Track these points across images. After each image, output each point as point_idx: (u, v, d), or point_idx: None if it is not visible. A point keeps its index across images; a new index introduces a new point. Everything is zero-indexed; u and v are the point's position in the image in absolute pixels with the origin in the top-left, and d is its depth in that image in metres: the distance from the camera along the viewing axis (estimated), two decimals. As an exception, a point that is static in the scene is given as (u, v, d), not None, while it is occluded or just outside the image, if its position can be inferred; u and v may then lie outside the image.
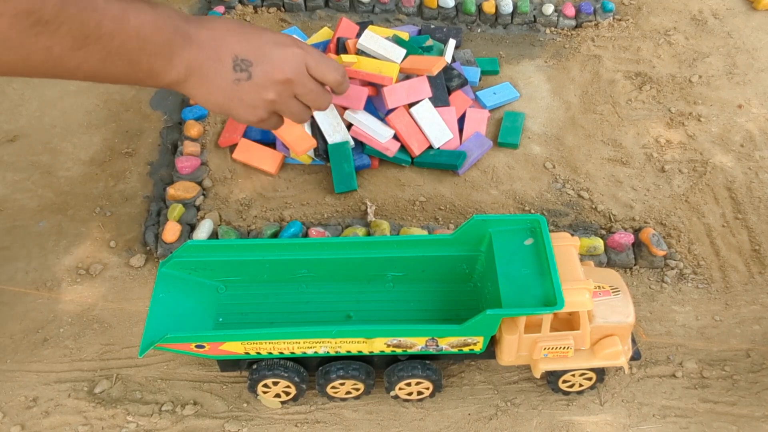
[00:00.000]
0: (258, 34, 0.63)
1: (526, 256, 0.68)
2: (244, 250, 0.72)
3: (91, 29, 0.52)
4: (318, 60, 0.66)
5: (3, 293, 0.83)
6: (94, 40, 0.52)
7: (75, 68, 0.53)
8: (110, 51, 0.54)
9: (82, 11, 0.51)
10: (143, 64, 0.56)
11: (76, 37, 0.51)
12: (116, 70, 0.55)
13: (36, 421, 0.72)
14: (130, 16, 0.54)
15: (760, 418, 0.75)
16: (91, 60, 0.53)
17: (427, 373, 0.70)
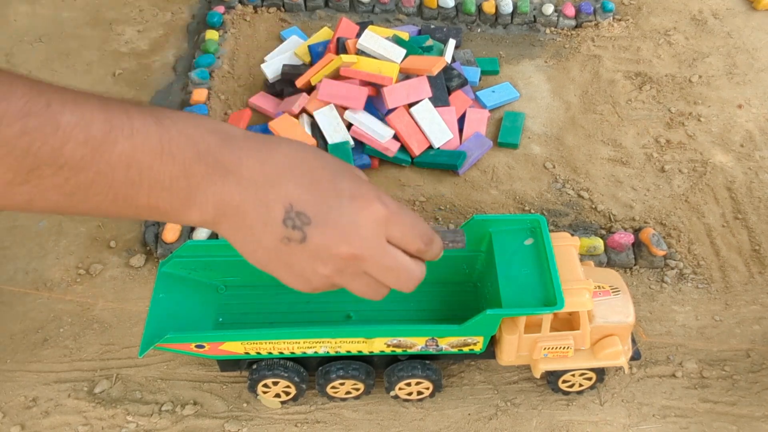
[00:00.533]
0: (328, 179, 0.45)
1: (526, 256, 0.68)
2: (244, 250, 0.72)
3: (44, 158, 0.36)
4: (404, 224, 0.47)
5: (3, 293, 0.83)
6: (49, 172, 0.36)
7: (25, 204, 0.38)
8: (79, 186, 0.38)
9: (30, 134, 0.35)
10: (139, 201, 0.40)
11: (17, 171, 0.35)
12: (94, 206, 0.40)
13: (36, 421, 0.72)
14: (117, 138, 0.38)
15: (760, 418, 0.75)
16: (50, 196, 0.37)
17: (427, 373, 0.70)
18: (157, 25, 1.22)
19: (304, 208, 0.43)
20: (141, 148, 0.39)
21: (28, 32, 1.19)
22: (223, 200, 0.42)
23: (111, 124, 0.38)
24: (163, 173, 0.40)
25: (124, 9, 1.25)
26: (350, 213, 0.44)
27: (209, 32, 1.17)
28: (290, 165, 0.44)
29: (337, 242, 0.44)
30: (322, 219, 0.44)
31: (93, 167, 0.37)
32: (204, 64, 1.11)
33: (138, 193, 0.40)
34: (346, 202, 0.45)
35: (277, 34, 1.20)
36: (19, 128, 0.35)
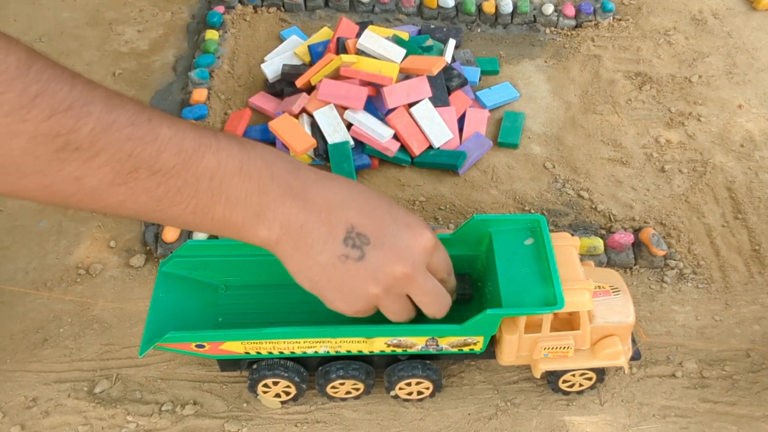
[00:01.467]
0: (384, 209, 0.51)
1: (526, 255, 0.68)
2: (244, 250, 0.72)
3: (143, 162, 0.41)
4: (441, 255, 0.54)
5: (3, 293, 0.83)
6: (145, 175, 0.41)
7: (117, 205, 0.42)
8: (168, 191, 0.43)
9: (134, 140, 0.40)
10: (216, 212, 0.45)
11: (118, 171, 0.40)
12: (177, 214, 0.44)
13: (36, 421, 0.72)
14: (204, 153, 0.43)
15: (760, 418, 0.75)
16: (140, 199, 0.42)
17: (427, 373, 0.70)
18: (157, 25, 1.22)
19: (364, 230, 0.49)
20: (224, 164, 0.44)
21: (28, 32, 1.19)
22: (289, 219, 0.47)
23: (200, 141, 0.43)
24: (240, 189, 0.45)
25: (124, 9, 1.25)
26: (406, 238, 0.50)
27: (209, 32, 1.17)
28: (350, 195, 0.50)
29: (393, 262, 0.49)
30: (380, 241, 0.49)
31: (182, 175, 0.42)
32: (204, 64, 1.11)
33: (216, 204, 0.45)
34: (402, 229, 0.51)
35: (277, 34, 1.20)
36: (126, 134, 0.40)
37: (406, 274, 0.50)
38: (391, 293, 0.52)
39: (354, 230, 0.49)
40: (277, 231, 0.47)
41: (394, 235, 0.50)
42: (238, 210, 0.46)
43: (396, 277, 0.50)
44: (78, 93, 0.39)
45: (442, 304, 0.56)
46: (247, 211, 0.46)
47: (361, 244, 0.49)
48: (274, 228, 0.47)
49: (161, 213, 0.44)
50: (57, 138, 0.38)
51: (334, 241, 0.48)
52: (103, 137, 0.39)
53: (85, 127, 0.38)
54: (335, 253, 0.49)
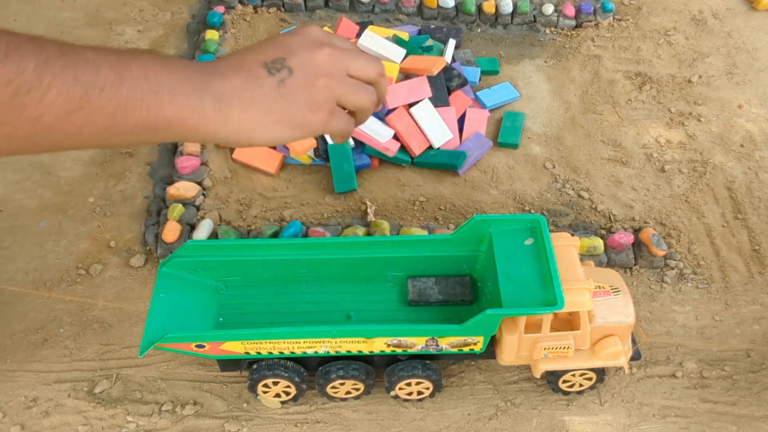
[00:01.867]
0: (272, 38, 0.56)
1: (526, 256, 0.68)
2: (244, 250, 0.72)
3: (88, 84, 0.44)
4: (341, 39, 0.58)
5: (3, 293, 0.83)
6: (95, 95, 0.44)
7: (77, 132, 0.45)
8: (119, 104, 0.45)
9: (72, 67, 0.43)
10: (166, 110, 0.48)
11: (70, 99, 0.43)
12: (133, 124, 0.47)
13: (36, 421, 0.72)
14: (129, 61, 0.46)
15: (760, 418, 0.75)
16: (97, 118, 0.45)
17: (427, 373, 0.70)
18: (157, 25, 1.22)
19: (273, 56, 0.53)
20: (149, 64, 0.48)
21: (28, 32, 1.18)
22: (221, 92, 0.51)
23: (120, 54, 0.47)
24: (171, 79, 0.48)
25: (124, 9, 1.25)
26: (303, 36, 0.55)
27: (209, 32, 1.17)
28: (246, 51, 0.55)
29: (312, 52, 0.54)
30: (291, 50, 0.54)
31: (124, 84, 0.45)
32: (204, 64, 1.11)
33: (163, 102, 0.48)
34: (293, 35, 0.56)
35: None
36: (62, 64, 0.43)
37: (329, 52, 0.54)
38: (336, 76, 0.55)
39: (268, 62, 0.53)
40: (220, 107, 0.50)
41: (295, 42, 0.55)
42: (181, 100, 0.49)
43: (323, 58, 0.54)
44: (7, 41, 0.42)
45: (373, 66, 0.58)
46: (188, 98, 0.49)
47: (281, 64, 0.53)
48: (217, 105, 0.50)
49: (119, 128, 0.46)
50: (8, 85, 0.41)
51: (264, 79, 0.52)
52: (47, 72, 0.42)
53: (28, 69, 0.41)
54: (272, 85, 0.52)
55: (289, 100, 0.53)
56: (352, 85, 0.56)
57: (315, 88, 0.54)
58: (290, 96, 0.53)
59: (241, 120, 0.52)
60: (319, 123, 0.55)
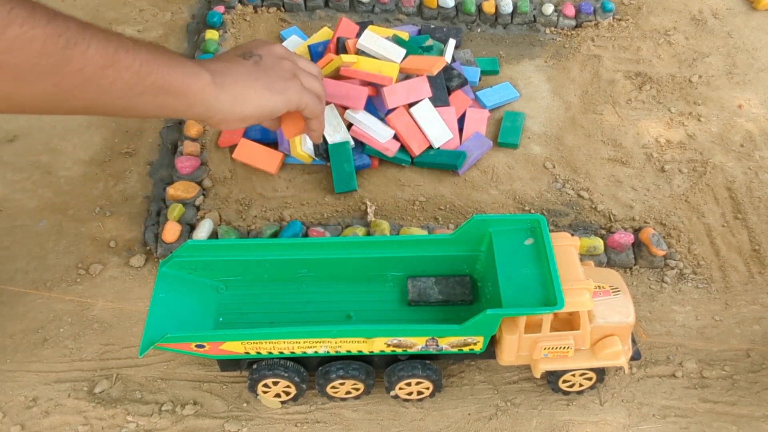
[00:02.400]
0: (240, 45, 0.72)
1: (526, 256, 0.68)
2: (244, 250, 0.72)
3: (118, 43, 0.52)
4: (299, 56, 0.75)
5: (3, 293, 0.83)
6: (123, 53, 0.53)
7: (108, 87, 0.53)
8: (142, 63, 0.54)
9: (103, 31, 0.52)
10: (172, 75, 0.58)
11: (104, 54, 0.51)
12: (152, 82, 0.56)
13: (36, 421, 0.72)
14: (139, 40, 0.56)
15: (760, 418, 0.75)
16: (125, 75, 0.53)
17: (427, 373, 0.70)
18: (157, 25, 1.22)
19: (243, 50, 0.69)
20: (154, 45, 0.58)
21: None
22: (215, 69, 0.63)
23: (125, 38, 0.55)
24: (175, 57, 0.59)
25: (124, 9, 1.25)
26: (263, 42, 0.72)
27: (209, 32, 1.17)
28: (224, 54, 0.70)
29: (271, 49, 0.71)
30: (256, 46, 0.70)
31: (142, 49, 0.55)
32: (204, 64, 1.11)
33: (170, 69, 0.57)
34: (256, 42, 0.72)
35: (277, 34, 1.20)
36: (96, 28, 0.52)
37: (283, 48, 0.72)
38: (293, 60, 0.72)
39: (244, 54, 0.68)
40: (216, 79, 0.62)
41: (255, 43, 0.71)
42: (186, 68, 0.60)
43: (281, 49, 0.71)
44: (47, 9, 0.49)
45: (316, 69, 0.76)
46: (191, 68, 0.60)
47: (251, 53, 0.68)
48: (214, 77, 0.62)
49: (140, 86, 0.55)
50: (60, 37, 0.48)
51: (241, 63, 0.67)
52: (87, 30, 0.50)
53: (73, 26, 0.49)
54: (250, 65, 0.67)
55: (268, 73, 0.67)
56: (304, 69, 0.72)
57: (282, 66, 0.69)
58: (267, 71, 0.67)
59: (234, 88, 0.64)
60: (295, 89, 0.68)
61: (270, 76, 0.67)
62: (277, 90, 0.67)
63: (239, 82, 0.64)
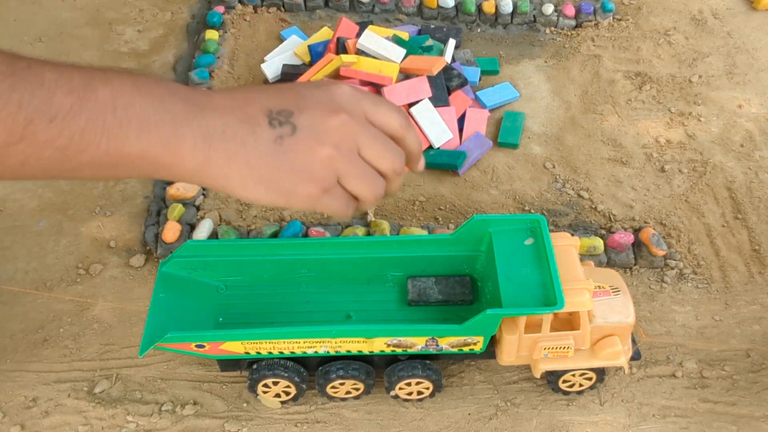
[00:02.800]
0: (290, 85, 0.49)
1: (526, 256, 0.68)
2: (244, 250, 0.72)
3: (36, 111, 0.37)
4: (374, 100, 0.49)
5: (3, 293, 0.83)
6: (42, 125, 0.38)
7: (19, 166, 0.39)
8: (72, 136, 0.39)
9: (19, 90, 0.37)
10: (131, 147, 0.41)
11: (11, 128, 0.37)
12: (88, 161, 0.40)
13: (36, 421, 0.72)
14: (96, 86, 0.40)
15: (760, 418, 0.75)
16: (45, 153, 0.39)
17: (427, 373, 0.70)
18: (157, 25, 1.22)
19: (282, 107, 0.46)
20: (119, 89, 0.41)
21: (28, 32, 1.19)
22: (207, 129, 0.43)
23: (89, 76, 0.40)
24: (145, 110, 0.41)
25: (124, 9, 1.25)
26: (324, 93, 0.47)
27: (209, 32, 1.17)
28: (254, 89, 0.48)
29: (324, 115, 0.46)
30: (303, 105, 0.46)
31: (82, 114, 0.39)
32: (204, 64, 1.11)
33: (128, 136, 0.41)
34: (317, 89, 0.48)
35: (277, 34, 1.20)
36: (8, 85, 0.37)
37: (345, 120, 0.46)
38: (344, 151, 0.47)
39: (273, 111, 0.46)
40: (201, 147, 0.43)
41: (313, 96, 0.47)
42: (152, 135, 0.42)
43: (336, 127, 0.46)
44: None
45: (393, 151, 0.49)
46: (161, 133, 0.42)
47: (286, 118, 0.46)
48: (198, 144, 0.43)
49: (70, 163, 0.40)
50: None
51: (261, 129, 0.45)
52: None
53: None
54: (269, 139, 0.45)
55: (282, 161, 0.45)
56: (359, 167, 0.48)
57: (315, 157, 0.46)
58: (284, 157, 0.45)
59: (221, 167, 0.45)
60: (307, 197, 0.47)
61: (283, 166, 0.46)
62: (282, 190, 0.47)
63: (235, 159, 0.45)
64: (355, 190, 0.49)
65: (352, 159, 0.47)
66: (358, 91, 0.49)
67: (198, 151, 0.43)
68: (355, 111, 0.47)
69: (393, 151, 0.49)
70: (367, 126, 0.48)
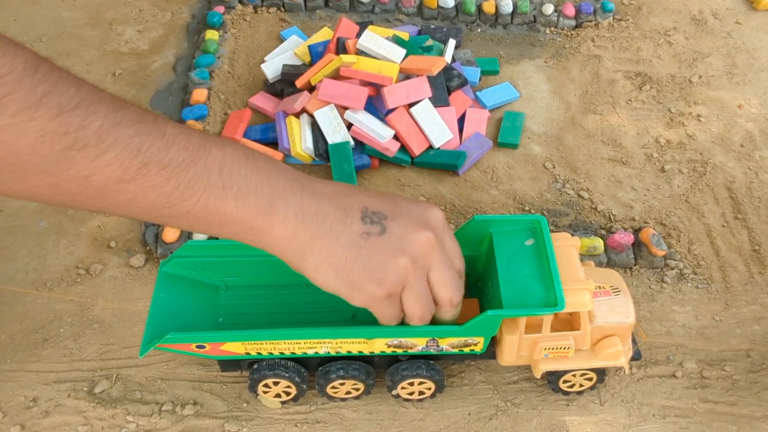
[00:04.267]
0: (390, 194, 0.53)
1: (526, 256, 0.68)
2: (244, 250, 0.72)
3: (152, 157, 0.41)
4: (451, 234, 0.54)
5: (3, 293, 0.83)
6: (155, 171, 0.41)
7: (126, 203, 0.42)
8: (178, 186, 0.42)
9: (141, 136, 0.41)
10: (227, 207, 0.44)
11: (127, 167, 0.41)
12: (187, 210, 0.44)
13: (36, 421, 0.72)
14: (211, 147, 0.44)
15: (760, 418, 0.75)
16: (150, 196, 0.42)
17: (430, 374, 0.70)
18: (157, 25, 1.22)
19: (378, 209, 0.50)
20: (231, 156, 0.45)
21: (28, 32, 1.19)
22: (302, 208, 0.47)
23: (206, 138, 0.45)
24: (249, 179, 0.45)
25: (124, 9, 1.25)
26: (419, 210, 0.52)
27: (209, 32, 1.17)
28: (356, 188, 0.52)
29: (414, 229, 0.50)
30: (397, 214, 0.50)
31: (191, 168, 0.43)
32: (204, 64, 1.11)
33: (227, 196, 0.44)
34: (414, 204, 0.52)
35: (277, 34, 1.20)
36: (134, 131, 0.41)
37: (430, 239, 0.50)
38: (418, 266, 0.51)
39: (369, 210, 0.49)
40: (291, 221, 0.47)
41: (408, 209, 0.51)
42: (250, 200, 0.45)
43: (421, 242, 0.50)
44: (85, 93, 0.40)
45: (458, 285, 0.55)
46: (259, 201, 0.46)
47: (379, 219, 0.49)
48: (289, 218, 0.46)
49: (171, 210, 0.44)
50: (65, 136, 0.38)
51: (353, 221, 0.48)
52: (111, 134, 0.40)
53: (93, 125, 0.39)
54: (356, 232, 0.48)
55: (361, 255, 0.48)
56: (422, 286, 0.52)
57: (393, 263, 0.49)
58: (365, 253, 0.48)
59: (304, 244, 0.48)
60: (370, 296, 0.51)
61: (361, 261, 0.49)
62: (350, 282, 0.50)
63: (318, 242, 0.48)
64: (409, 306, 0.53)
65: (421, 276, 0.51)
66: (446, 221, 0.54)
67: (287, 223, 0.47)
68: (440, 236, 0.52)
69: (456, 285, 0.54)
70: (444, 254, 0.52)
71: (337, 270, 0.49)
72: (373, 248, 0.49)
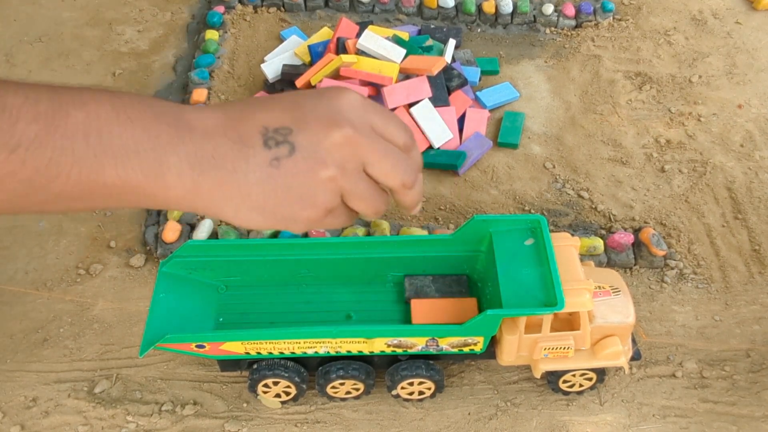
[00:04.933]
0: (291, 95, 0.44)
1: (526, 256, 0.68)
2: (244, 250, 0.72)
3: None
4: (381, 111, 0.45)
5: (3, 293, 0.83)
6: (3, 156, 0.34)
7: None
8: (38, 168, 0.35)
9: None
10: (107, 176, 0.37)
11: None
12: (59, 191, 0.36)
13: (36, 421, 0.72)
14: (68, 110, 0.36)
15: (760, 418, 0.75)
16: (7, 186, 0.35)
17: (430, 374, 0.70)
18: (157, 25, 1.22)
19: (280, 123, 0.41)
20: (95, 115, 0.36)
21: (28, 32, 1.19)
22: (196, 155, 0.39)
23: (60, 100, 0.36)
24: (125, 137, 0.37)
25: (124, 9, 1.25)
26: (326, 103, 0.42)
27: (209, 32, 1.17)
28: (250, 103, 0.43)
29: (326, 132, 0.41)
30: (303, 121, 0.41)
31: (49, 143, 0.35)
32: (204, 64, 1.11)
33: (104, 166, 0.36)
34: (319, 98, 0.43)
35: (277, 34, 1.20)
36: None
37: (348, 136, 0.41)
38: (348, 170, 0.42)
39: (269, 129, 0.41)
40: (188, 174, 0.39)
41: (313, 108, 0.42)
42: (134, 164, 0.37)
43: (339, 144, 0.41)
44: None
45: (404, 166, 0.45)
46: (144, 161, 0.37)
47: (283, 137, 0.41)
48: (184, 172, 0.39)
49: (39, 196, 0.36)
50: None
51: (255, 151, 0.40)
52: None
53: None
54: (263, 162, 0.40)
55: (279, 186, 0.41)
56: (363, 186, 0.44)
57: (316, 180, 0.42)
58: (281, 181, 0.41)
59: (212, 195, 0.40)
60: (308, 221, 0.44)
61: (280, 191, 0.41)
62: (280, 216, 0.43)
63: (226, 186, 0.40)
64: (357, 208, 0.46)
65: (356, 178, 0.44)
66: (365, 100, 0.44)
67: (184, 178, 0.39)
68: (361, 123, 0.43)
69: (402, 167, 0.45)
70: (374, 139, 0.43)
71: (261, 210, 0.42)
72: (288, 173, 0.41)
